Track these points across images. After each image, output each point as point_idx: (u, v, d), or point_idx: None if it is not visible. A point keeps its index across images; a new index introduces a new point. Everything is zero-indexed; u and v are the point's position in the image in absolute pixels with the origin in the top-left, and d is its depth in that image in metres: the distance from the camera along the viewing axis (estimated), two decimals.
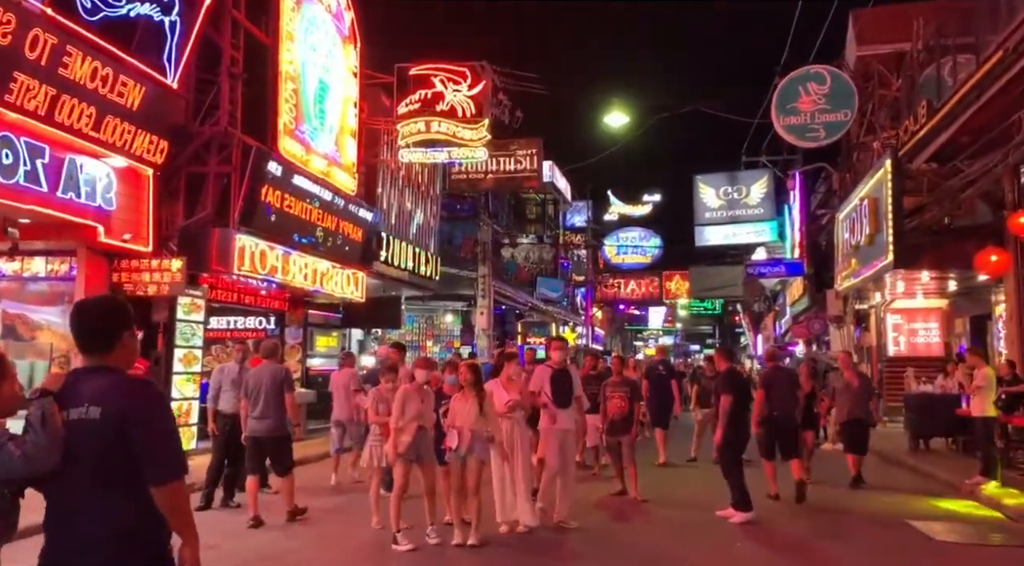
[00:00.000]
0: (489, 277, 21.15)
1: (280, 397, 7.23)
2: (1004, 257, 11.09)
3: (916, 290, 16.75)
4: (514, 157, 17.21)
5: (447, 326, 21.56)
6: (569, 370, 7.50)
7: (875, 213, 13.84)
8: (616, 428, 8.53)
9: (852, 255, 15.96)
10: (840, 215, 17.45)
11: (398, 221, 15.62)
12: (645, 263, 45.57)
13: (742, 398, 7.58)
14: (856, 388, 9.87)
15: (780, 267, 22.61)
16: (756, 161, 28.21)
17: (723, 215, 27.83)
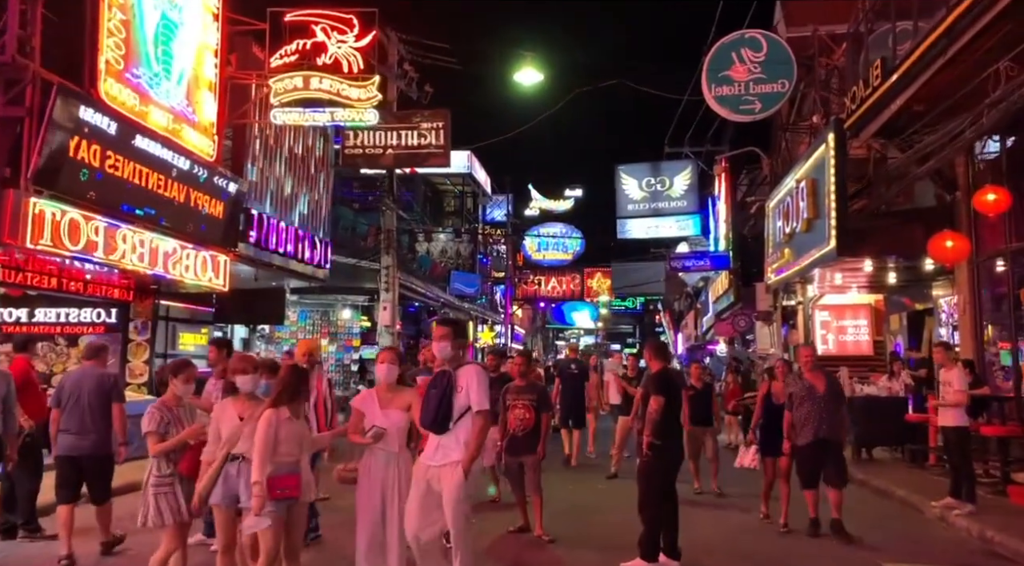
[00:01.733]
0: (394, 268, 18.96)
1: (106, 408, 6.13)
2: (960, 243, 9.77)
3: (852, 284, 15.56)
4: (418, 130, 15.16)
5: (345, 323, 19.31)
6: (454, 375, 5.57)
7: (814, 196, 12.44)
8: (517, 446, 6.66)
9: (785, 245, 14.61)
10: (771, 203, 16.14)
11: (276, 198, 13.34)
12: (567, 260, 44.11)
13: (674, 404, 5.81)
14: (822, 395, 7.10)
15: (705, 260, 21.32)
16: (679, 152, 27.06)
17: (646, 207, 26.50)
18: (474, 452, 4.50)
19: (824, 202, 11.70)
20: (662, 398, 5.52)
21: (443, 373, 4.71)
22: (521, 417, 6.61)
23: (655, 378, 5.83)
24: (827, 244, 11.46)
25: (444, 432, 4.53)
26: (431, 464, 4.55)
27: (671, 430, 5.61)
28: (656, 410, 5.53)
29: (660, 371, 5.89)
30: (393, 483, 4.60)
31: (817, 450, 6.97)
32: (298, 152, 13.91)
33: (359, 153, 15.26)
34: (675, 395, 5.76)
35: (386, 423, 4.64)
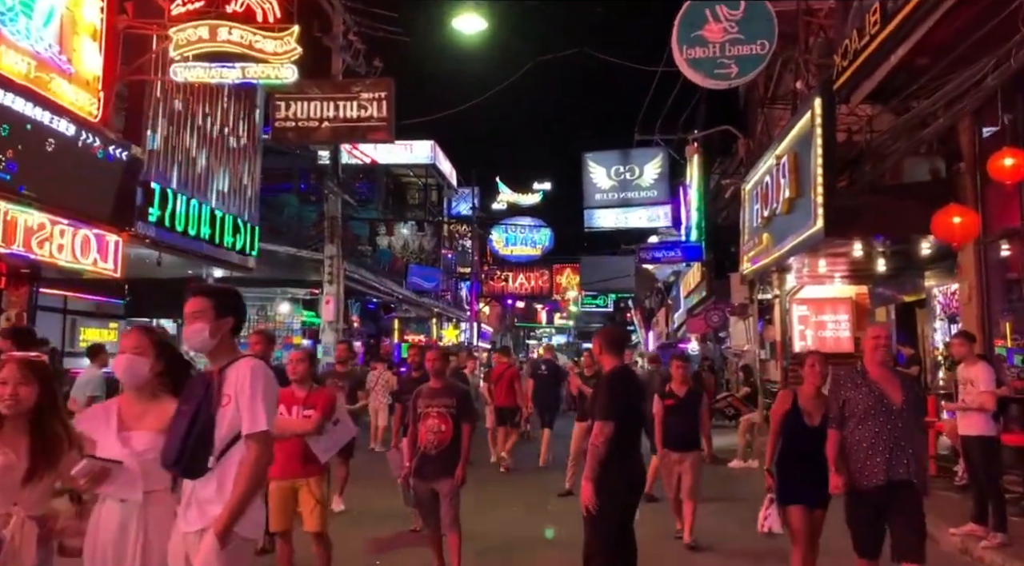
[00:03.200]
0: (339, 259, 17.32)
1: None
2: (969, 219, 8.40)
3: (835, 274, 14.23)
4: (358, 101, 13.52)
5: (283, 318, 17.61)
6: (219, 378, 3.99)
7: (796, 172, 11.05)
8: (429, 468, 5.10)
9: (763, 229, 13.23)
10: (747, 185, 14.77)
11: (187, 173, 11.63)
12: (535, 255, 42.69)
13: (631, 424, 4.19)
14: (898, 408, 4.39)
15: (676, 251, 19.93)
16: (650, 140, 25.69)
17: (614, 197, 25.09)
18: (238, 504, 2.72)
19: (809, 178, 10.30)
20: (611, 425, 3.91)
21: (199, 378, 2.96)
22: (435, 429, 5.06)
23: (605, 387, 4.13)
24: (813, 224, 10.07)
25: (197, 474, 2.78)
26: (186, 530, 2.79)
27: (625, 455, 4.09)
28: (603, 442, 3.94)
29: (613, 374, 4.20)
30: (131, 557, 2.79)
31: (888, 497, 4.27)
32: (215, 121, 12.21)
33: (291, 126, 13.61)
34: (632, 414, 4.19)
35: (122, 453, 2.86)
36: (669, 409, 6.60)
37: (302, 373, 5.12)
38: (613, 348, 4.29)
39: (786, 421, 4.76)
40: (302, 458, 4.94)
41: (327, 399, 5.07)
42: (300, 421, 4.99)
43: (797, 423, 4.72)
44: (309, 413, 4.98)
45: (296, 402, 5.03)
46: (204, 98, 11.99)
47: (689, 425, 6.66)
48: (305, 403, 5.04)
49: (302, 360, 5.24)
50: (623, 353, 4.39)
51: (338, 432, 5.15)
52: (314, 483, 4.97)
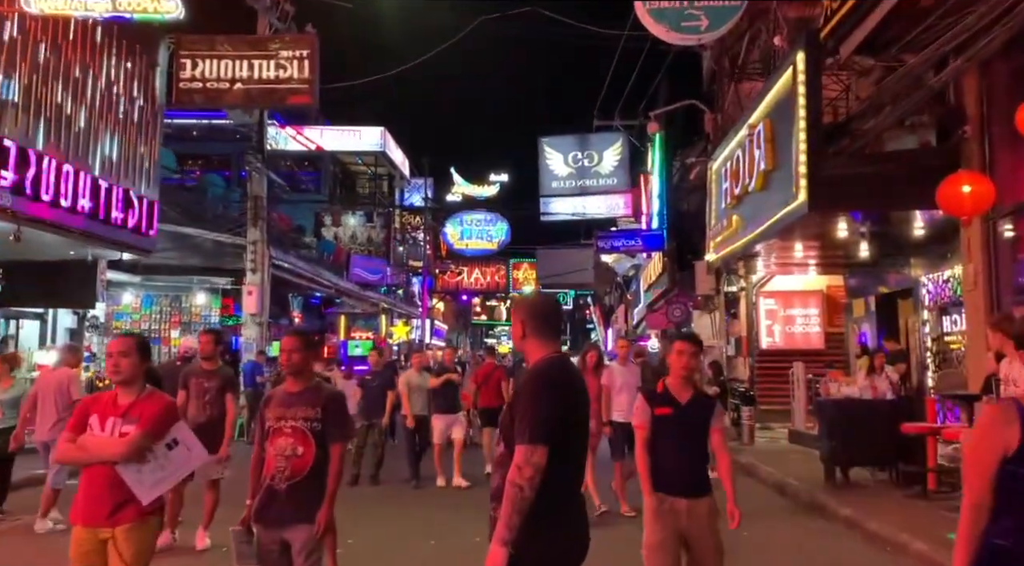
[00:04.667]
0: (263, 244, 15.53)
1: None
2: (982, 187, 7.06)
3: (809, 261, 12.93)
4: (276, 60, 11.80)
5: (200, 310, 15.74)
6: None
7: (773, 141, 9.70)
8: (276, 510, 3.35)
9: (732, 210, 11.86)
10: (714, 164, 13.41)
11: (60, 133, 9.76)
12: (491, 249, 40.93)
13: (572, 447, 2.49)
14: None
15: (636, 240, 18.54)
16: (610, 125, 24.31)
17: (572, 185, 23.69)
18: None
19: (789, 147, 8.93)
20: (541, 453, 2.36)
21: None
22: (287, 452, 3.44)
23: (531, 390, 2.49)
24: (793, 198, 8.69)
25: None
26: None
27: (563, 501, 2.50)
28: (528, 479, 2.35)
29: (542, 370, 2.55)
30: None
31: None
32: (98, 75, 10.35)
33: (197, 87, 11.81)
34: (574, 435, 2.54)
35: None
36: (661, 423, 3.70)
37: (126, 371, 3.42)
38: (543, 328, 2.61)
39: None
40: (111, 497, 3.28)
41: (156, 410, 3.41)
42: (110, 441, 3.34)
43: None
44: (128, 430, 3.34)
45: (115, 413, 3.40)
46: (84, 47, 10.13)
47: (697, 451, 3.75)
48: (127, 415, 3.39)
49: (125, 353, 3.47)
50: (557, 336, 2.70)
51: (174, 461, 3.48)
52: (123, 536, 3.27)
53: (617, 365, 7.92)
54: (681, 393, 3.73)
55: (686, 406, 3.70)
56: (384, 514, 7.63)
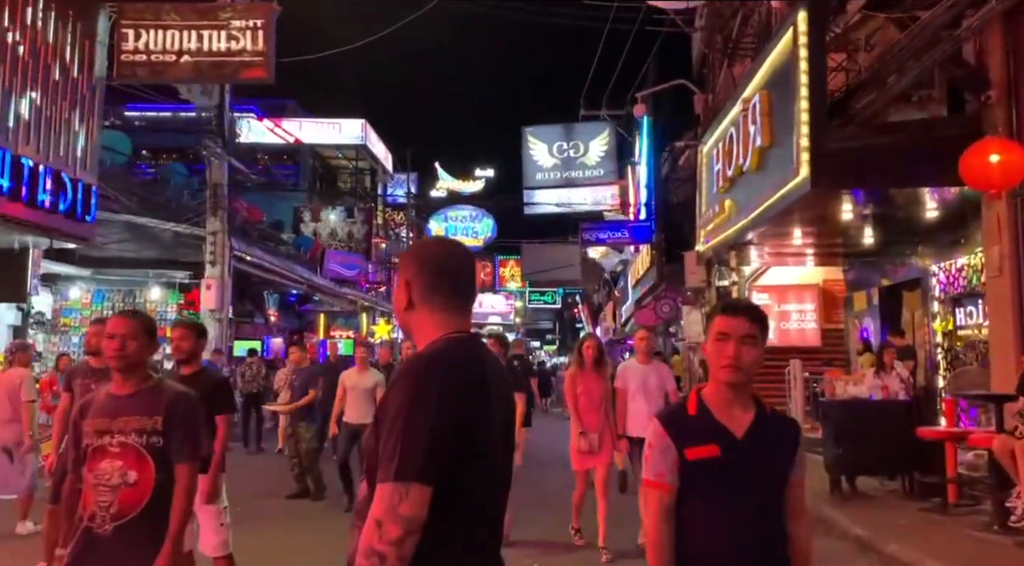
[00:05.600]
0: (223, 235, 14.52)
1: None
2: (1014, 156, 6.15)
3: (807, 250, 12.01)
4: (227, 31, 10.78)
5: (155, 305, 14.69)
6: None
7: (771, 115, 8.76)
8: (98, 559, 2.43)
9: (724, 195, 10.93)
10: (705, 146, 12.49)
11: None
12: (477, 246, 39.86)
13: (479, 483, 1.48)
14: None
15: (622, 232, 17.62)
16: (596, 115, 23.40)
17: (557, 176, 22.78)
18: None
19: (787, 120, 8.00)
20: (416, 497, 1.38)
21: None
22: (113, 479, 2.46)
23: (404, 394, 1.46)
24: (794, 176, 7.75)
25: None
26: None
27: (468, 553, 1.53)
28: (392, 540, 1.35)
29: (425, 360, 1.54)
30: None
31: None
32: (20, 39, 9.30)
33: (141, 60, 10.79)
34: (483, 471, 1.53)
35: None
36: (699, 475, 2.01)
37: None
38: (441, 289, 1.64)
39: None
40: None
41: None
42: None
43: None
44: None
45: None
46: (10, 13, 9.09)
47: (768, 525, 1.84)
48: None
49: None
50: (464, 303, 1.65)
51: None
52: None
53: (635, 362, 6.24)
54: (734, 414, 2.00)
55: (746, 440, 1.98)
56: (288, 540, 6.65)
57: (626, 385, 6.05)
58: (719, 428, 1.98)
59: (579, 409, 6.01)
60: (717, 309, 2.10)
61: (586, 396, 6.01)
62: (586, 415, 5.98)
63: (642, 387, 6.00)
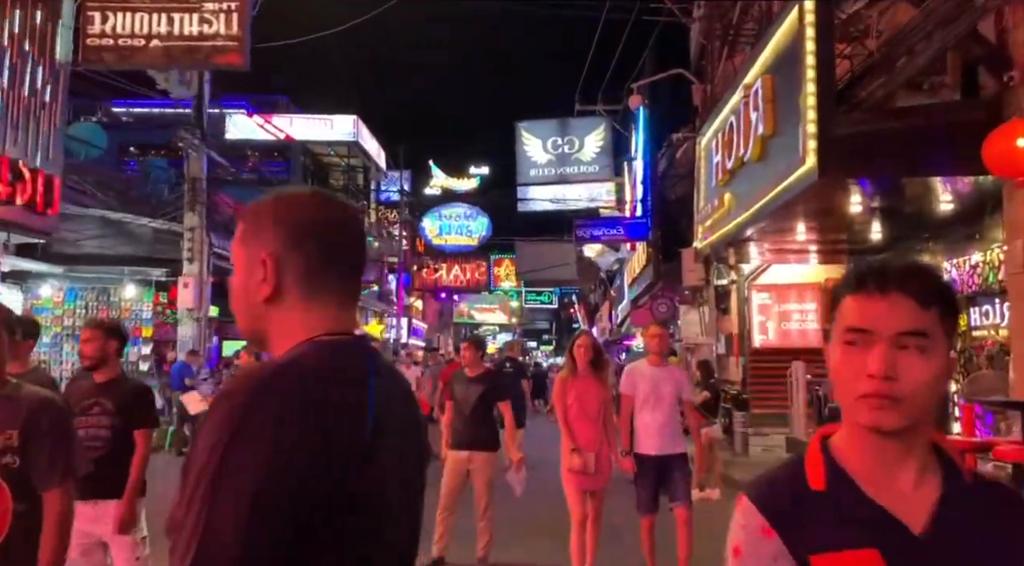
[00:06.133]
0: (201, 231, 13.95)
1: None
2: None
3: (810, 247, 11.47)
4: (199, 14, 10.23)
5: (130, 304, 14.10)
6: None
7: (774, 101, 8.21)
8: None
9: (725, 188, 10.39)
10: (703, 138, 11.95)
11: None
12: (471, 245, 39.38)
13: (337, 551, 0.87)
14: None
15: (617, 228, 17.07)
16: (592, 110, 22.85)
17: (551, 173, 22.23)
18: None
19: (792, 106, 7.46)
20: None
21: None
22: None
23: (215, 431, 0.90)
24: (799, 165, 7.21)
25: None
26: None
27: None
28: None
29: (270, 376, 0.97)
30: None
31: None
32: None
33: (108, 45, 10.22)
34: (354, 540, 0.94)
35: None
36: None
37: None
38: (326, 269, 1.10)
39: None
40: None
41: None
42: None
43: None
44: None
45: None
46: None
47: None
48: None
49: None
50: (356, 291, 1.12)
51: None
52: None
53: (645, 364, 5.24)
54: (900, 486, 1.05)
55: (932, 536, 1.02)
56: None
57: (633, 392, 5.05)
58: (876, 515, 1.04)
59: (570, 420, 4.99)
60: (849, 280, 1.10)
61: (579, 404, 4.99)
62: (579, 428, 4.96)
63: (653, 394, 4.99)
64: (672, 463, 4.91)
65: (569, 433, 4.96)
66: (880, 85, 7.47)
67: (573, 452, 4.90)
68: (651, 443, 4.92)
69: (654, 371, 5.09)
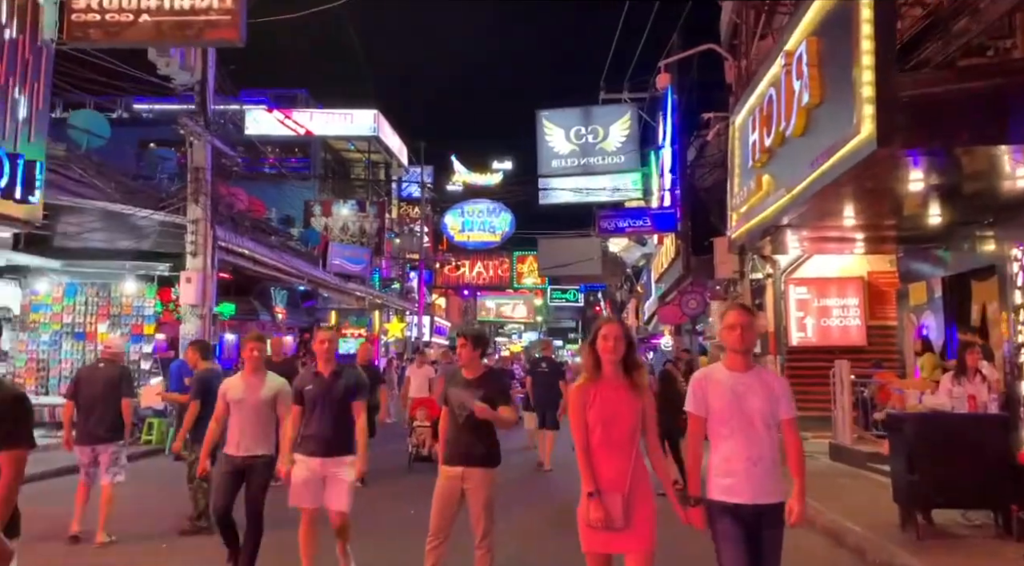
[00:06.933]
0: (205, 224, 13.29)
1: None
2: None
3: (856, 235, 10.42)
4: None
5: (131, 300, 13.46)
6: None
7: (820, 65, 7.25)
8: None
9: (763, 169, 9.42)
10: (738, 117, 10.98)
11: None
12: (494, 242, 38.56)
13: None
14: None
15: (644, 219, 16.11)
16: (618, 99, 21.91)
17: (575, 164, 21.31)
18: None
19: (845, 65, 6.49)
20: None
21: None
22: None
23: None
24: (854, 134, 6.25)
25: None
26: None
27: None
28: None
29: None
30: None
31: None
32: None
33: (94, 20, 9.53)
34: None
35: None
36: None
37: None
38: None
39: None
40: None
41: None
42: None
43: None
44: None
45: None
46: None
47: None
48: None
49: None
50: None
51: None
52: None
53: (721, 369, 3.53)
54: None
55: None
56: None
57: (706, 409, 3.43)
58: None
59: (592, 447, 3.42)
60: None
61: (604, 423, 3.42)
62: (603, 458, 3.40)
63: (735, 413, 3.38)
64: (764, 518, 3.30)
65: (587, 467, 3.40)
66: (936, 50, 6.53)
67: (590, 498, 3.34)
68: (733, 486, 3.32)
69: (735, 379, 3.43)
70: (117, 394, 6.53)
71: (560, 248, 27.83)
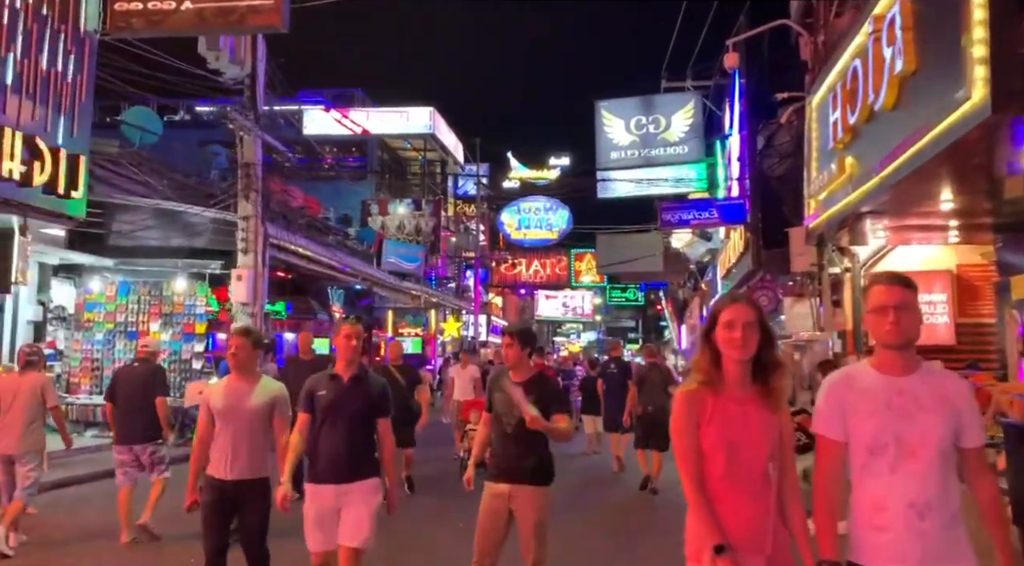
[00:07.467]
0: (256, 221, 13.03)
1: None
2: None
3: (950, 222, 9.43)
4: None
5: (182, 299, 13.30)
6: None
7: (915, 28, 6.41)
8: None
9: (845, 151, 8.55)
10: (814, 97, 10.09)
11: None
12: (551, 239, 37.84)
13: None
14: None
15: (710, 211, 15.22)
16: (681, 87, 21.00)
17: (635, 155, 20.45)
18: None
19: (951, 22, 5.65)
20: None
21: None
22: None
23: None
24: (962, 101, 5.41)
25: None
26: None
27: None
28: None
29: None
30: None
31: None
32: None
33: (136, 10, 9.27)
34: None
35: None
36: None
37: None
38: None
39: None
40: None
41: None
42: None
43: None
44: None
45: None
46: None
47: None
48: None
49: None
50: None
51: None
52: None
53: (870, 370, 2.45)
54: None
55: None
56: None
57: (844, 431, 2.38)
58: None
59: (710, 481, 2.40)
60: None
61: (728, 448, 2.39)
62: (729, 501, 2.38)
63: (893, 436, 2.29)
64: None
65: (705, 507, 2.36)
66: None
67: (720, 554, 2.27)
68: (890, 545, 2.26)
69: (892, 386, 2.36)
70: (152, 393, 6.25)
71: (619, 244, 26.93)
